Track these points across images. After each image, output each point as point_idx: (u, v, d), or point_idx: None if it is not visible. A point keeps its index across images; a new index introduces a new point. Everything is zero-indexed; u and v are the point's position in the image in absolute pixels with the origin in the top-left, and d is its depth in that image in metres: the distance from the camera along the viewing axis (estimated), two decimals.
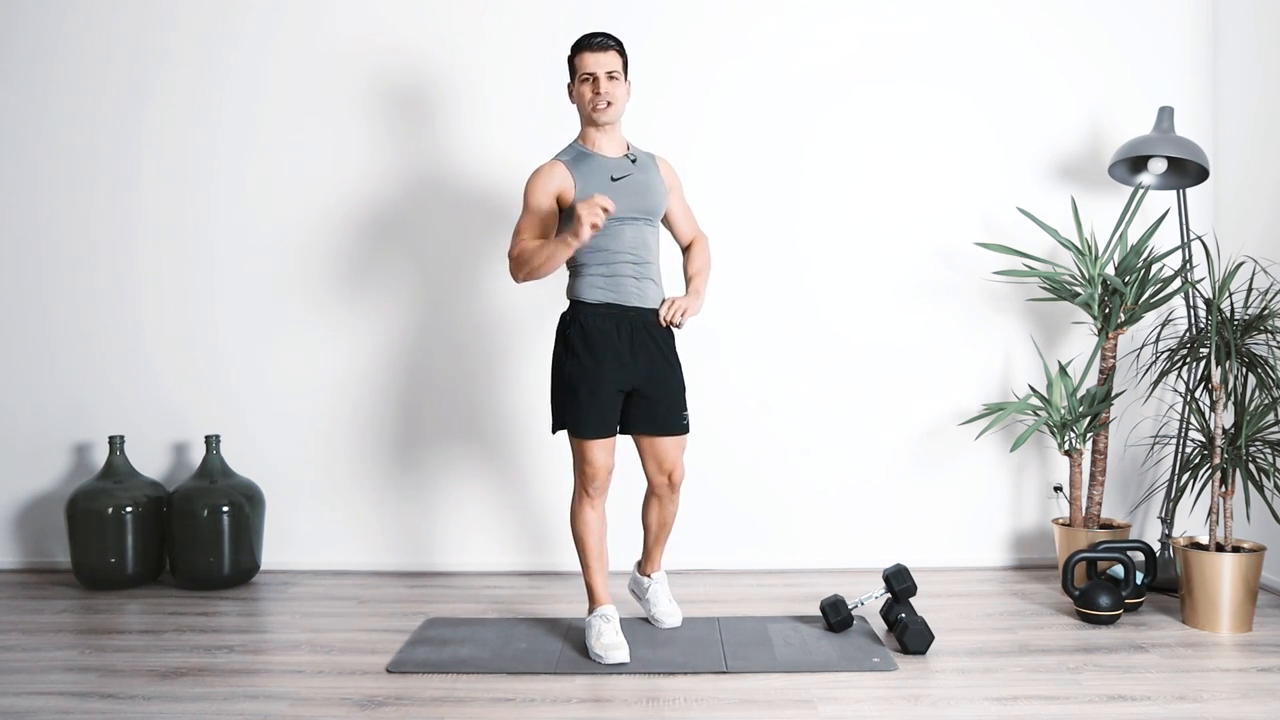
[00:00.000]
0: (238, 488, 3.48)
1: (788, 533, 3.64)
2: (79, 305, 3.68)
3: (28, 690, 2.52)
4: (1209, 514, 2.99)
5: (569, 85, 2.79)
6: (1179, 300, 3.51)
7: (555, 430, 2.81)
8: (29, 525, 3.72)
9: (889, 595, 2.90)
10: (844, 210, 3.63)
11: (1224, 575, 2.86)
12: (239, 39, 3.63)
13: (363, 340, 3.65)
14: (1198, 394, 3.30)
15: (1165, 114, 3.34)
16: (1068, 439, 3.35)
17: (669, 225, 2.95)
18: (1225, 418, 3.04)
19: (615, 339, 2.72)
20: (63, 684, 2.56)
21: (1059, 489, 3.61)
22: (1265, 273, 3.26)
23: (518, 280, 2.74)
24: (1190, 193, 3.52)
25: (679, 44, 3.58)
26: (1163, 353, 3.37)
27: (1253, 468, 2.94)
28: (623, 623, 2.87)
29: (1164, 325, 3.43)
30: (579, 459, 2.76)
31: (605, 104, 2.71)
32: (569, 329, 2.76)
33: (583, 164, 2.74)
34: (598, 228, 2.54)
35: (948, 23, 3.61)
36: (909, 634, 2.71)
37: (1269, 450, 2.94)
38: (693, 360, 2.95)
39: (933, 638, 2.72)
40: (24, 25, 3.64)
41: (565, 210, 2.73)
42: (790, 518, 3.64)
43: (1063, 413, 3.33)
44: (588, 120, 2.77)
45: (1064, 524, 3.36)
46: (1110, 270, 3.39)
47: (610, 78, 2.71)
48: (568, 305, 2.81)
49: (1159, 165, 3.30)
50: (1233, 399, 3.01)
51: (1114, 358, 3.33)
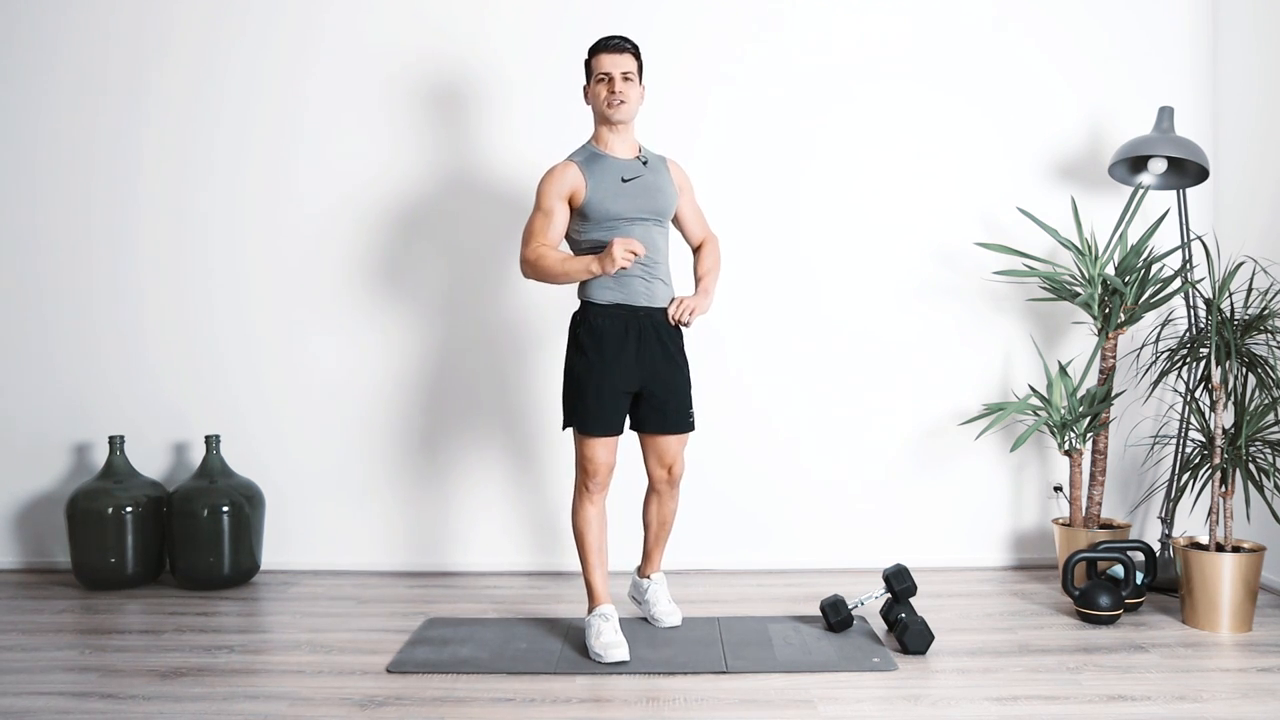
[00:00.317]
0: (238, 488, 3.48)
1: (788, 532, 3.64)
2: (79, 305, 3.68)
3: (28, 690, 2.52)
4: (1209, 514, 2.99)
5: (585, 87, 2.83)
6: (1179, 300, 3.51)
7: (565, 427, 2.84)
8: (29, 525, 3.72)
9: (889, 595, 2.91)
10: (845, 210, 3.63)
11: (1224, 575, 2.86)
12: (239, 39, 3.63)
13: (363, 341, 3.65)
14: (1198, 394, 3.30)
15: (1165, 114, 3.34)
16: (1068, 439, 3.35)
17: (680, 226, 2.98)
18: (1225, 418, 3.04)
19: (624, 339, 2.76)
20: (62, 684, 2.56)
21: (1059, 489, 3.60)
22: (1265, 273, 3.26)
23: (526, 277, 2.81)
24: (1190, 193, 3.52)
25: (681, 45, 3.58)
26: (1163, 353, 3.37)
27: (1253, 468, 2.94)
28: (623, 622, 2.88)
29: (1164, 325, 3.43)
30: (581, 455, 2.80)
31: (619, 102, 2.74)
32: (579, 329, 2.80)
33: (595, 164, 2.77)
34: (625, 269, 2.65)
35: (948, 23, 3.61)
36: (909, 634, 2.71)
37: (1269, 450, 2.94)
38: (694, 359, 2.95)
39: (933, 638, 2.73)
40: (24, 25, 3.64)
41: (575, 209, 2.77)
42: (790, 517, 3.64)
43: (1063, 413, 3.33)
44: (601, 120, 2.81)
45: (1064, 524, 3.36)
46: (1110, 270, 3.39)
47: (625, 78, 2.76)
48: (578, 305, 2.84)
49: (1159, 165, 3.30)
50: (1233, 399, 3.01)
51: (1114, 358, 3.33)
